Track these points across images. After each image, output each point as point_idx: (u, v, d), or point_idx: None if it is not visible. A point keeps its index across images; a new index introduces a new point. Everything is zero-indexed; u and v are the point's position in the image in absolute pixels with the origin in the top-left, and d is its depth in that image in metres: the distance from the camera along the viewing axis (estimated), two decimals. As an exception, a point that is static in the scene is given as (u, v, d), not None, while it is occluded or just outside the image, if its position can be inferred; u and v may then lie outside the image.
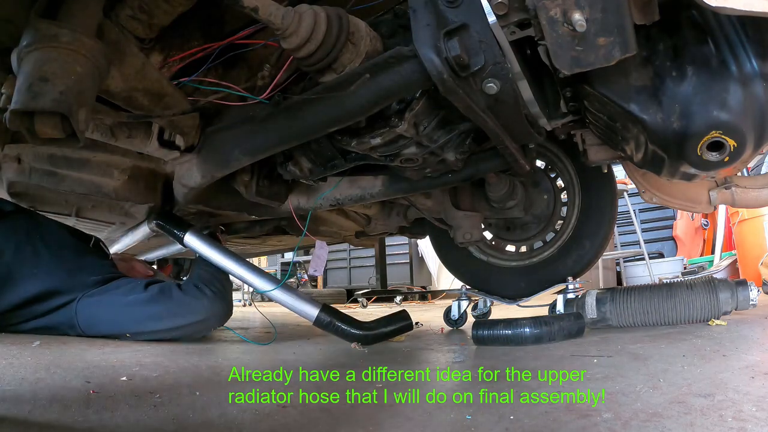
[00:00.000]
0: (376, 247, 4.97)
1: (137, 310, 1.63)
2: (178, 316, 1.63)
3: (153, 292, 1.65)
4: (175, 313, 1.63)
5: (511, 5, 0.89)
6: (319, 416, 0.79)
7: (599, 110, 1.13)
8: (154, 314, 1.62)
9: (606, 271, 5.17)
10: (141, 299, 1.63)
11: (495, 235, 2.13)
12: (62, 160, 1.56)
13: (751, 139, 0.94)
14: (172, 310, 1.63)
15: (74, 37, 0.91)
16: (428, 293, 6.11)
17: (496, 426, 0.71)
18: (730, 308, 1.52)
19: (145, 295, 1.64)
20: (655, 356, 1.13)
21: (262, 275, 1.66)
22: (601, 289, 1.68)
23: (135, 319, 1.63)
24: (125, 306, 1.63)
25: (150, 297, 1.63)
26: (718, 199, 1.60)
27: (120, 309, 1.64)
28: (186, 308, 1.63)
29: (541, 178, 1.99)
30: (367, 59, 1.09)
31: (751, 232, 3.80)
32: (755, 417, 0.68)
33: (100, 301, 1.64)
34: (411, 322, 1.65)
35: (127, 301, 1.64)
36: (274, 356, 1.38)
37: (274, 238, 2.40)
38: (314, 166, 1.45)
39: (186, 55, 1.31)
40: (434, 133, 1.25)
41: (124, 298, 1.64)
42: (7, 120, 0.87)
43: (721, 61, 0.92)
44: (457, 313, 2.14)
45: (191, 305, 1.63)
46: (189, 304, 1.63)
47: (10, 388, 0.96)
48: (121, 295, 1.66)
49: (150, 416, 0.79)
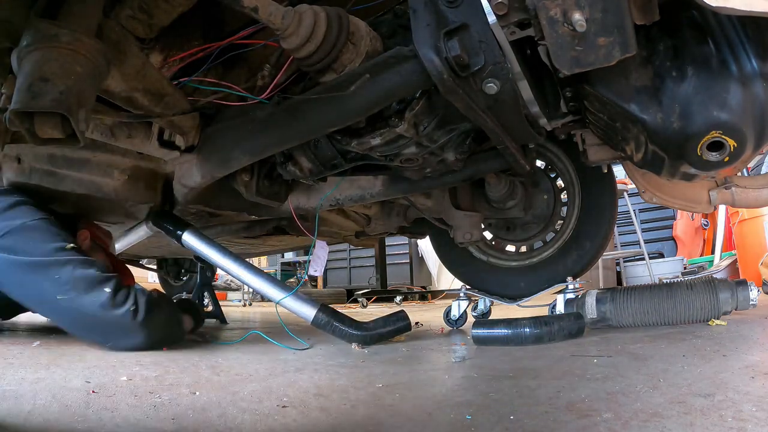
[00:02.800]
0: (376, 247, 4.98)
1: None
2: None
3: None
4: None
5: (511, 5, 0.89)
6: (319, 416, 0.79)
7: (599, 110, 1.13)
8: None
9: (606, 271, 5.17)
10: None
11: (495, 235, 2.13)
12: (62, 160, 1.56)
13: (751, 139, 0.94)
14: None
15: (74, 37, 0.91)
16: (428, 293, 6.11)
17: (496, 426, 0.71)
18: (730, 308, 1.52)
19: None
20: (655, 356, 1.13)
21: (261, 275, 1.66)
22: (601, 289, 1.67)
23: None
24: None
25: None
26: (718, 199, 1.60)
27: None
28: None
29: (541, 178, 1.99)
30: (367, 59, 1.09)
31: (751, 232, 3.79)
32: (755, 417, 0.67)
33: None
34: (409, 322, 1.65)
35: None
36: (274, 356, 1.38)
37: (274, 238, 2.40)
38: (314, 166, 1.45)
39: (186, 55, 1.31)
40: (434, 133, 1.25)
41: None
42: (7, 120, 0.87)
43: (721, 61, 0.92)
44: (457, 313, 2.14)
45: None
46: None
47: (10, 388, 0.96)
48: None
49: (150, 416, 0.79)
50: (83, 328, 1.44)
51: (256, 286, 1.64)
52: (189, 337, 1.80)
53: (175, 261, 4.08)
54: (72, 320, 1.43)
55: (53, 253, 1.41)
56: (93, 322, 1.40)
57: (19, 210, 1.48)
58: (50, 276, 1.38)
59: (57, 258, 1.40)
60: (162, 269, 4.16)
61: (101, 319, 1.39)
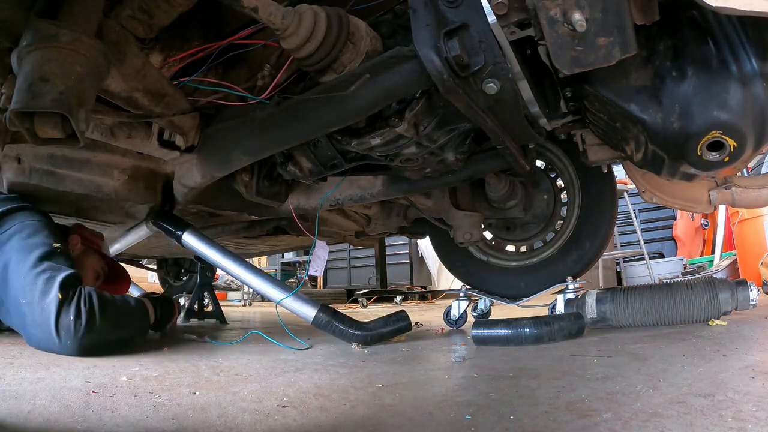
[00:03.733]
0: (376, 247, 4.98)
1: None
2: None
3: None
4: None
5: (511, 5, 0.89)
6: (319, 416, 0.79)
7: (599, 110, 1.13)
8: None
9: (606, 271, 5.17)
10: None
11: (495, 235, 2.13)
12: (62, 160, 1.56)
13: (751, 139, 0.94)
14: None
15: (74, 37, 0.91)
16: (428, 293, 6.11)
17: (496, 426, 0.71)
18: (730, 308, 1.52)
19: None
20: (655, 356, 1.13)
21: (261, 275, 1.66)
22: (601, 289, 1.67)
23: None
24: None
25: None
26: (718, 199, 1.60)
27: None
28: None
29: (541, 178, 1.99)
30: (367, 59, 1.09)
31: (751, 232, 3.79)
32: (755, 417, 0.67)
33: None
34: (409, 322, 1.65)
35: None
36: (274, 356, 1.38)
37: (274, 238, 2.40)
38: (314, 166, 1.45)
39: (186, 55, 1.31)
40: (434, 133, 1.25)
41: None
42: (7, 120, 0.87)
43: (721, 61, 0.92)
44: (457, 313, 2.14)
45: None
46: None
47: (10, 388, 0.96)
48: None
49: (150, 416, 0.79)
50: (31, 335, 1.35)
51: (257, 286, 1.64)
52: (189, 337, 1.81)
53: (175, 261, 4.08)
54: (23, 326, 1.36)
55: (36, 263, 1.35)
56: (38, 330, 1.31)
57: (17, 215, 1.46)
58: (25, 286, 1.32)
59: (38, 269, 1.34)
60: (162, 269, 4.17)
61: (42, 324, 1.29)
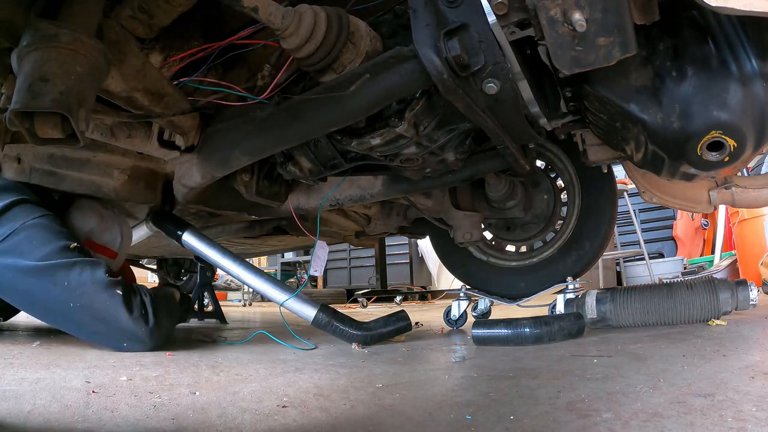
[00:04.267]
0: (376, 247, 4.97)
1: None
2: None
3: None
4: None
5: (511, 5, 0.89)
6: (319, 416, 0.79)
7: (599, 110, 1.13)
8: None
9: (606, 271, 5.17)
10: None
11: (495, 235, 2.13)
12: (62, 160, 1.56)
13: (751, 139, 0.94)
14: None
15: (74, 37, 0.91)
16: (428, 293, 6.11)
17: (496, 426, 0.71)
18: (730, 308, 1.52)
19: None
20: (655, 356, 1.13)
21: (261, 275, 1.66)
22: (601, 289, 1.67)
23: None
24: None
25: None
26: (718, 199, 1.60)
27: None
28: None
29: (541, 178, 1.99)
30: (367, 59, 1.09)
31: (751, 232, 3.79)
32: (755, 417, 0.67)
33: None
34: (410, 322, 1.65)
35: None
36: (274, 356, 1.38)
37: (274, 238, 2.40)
38: (314, 166, 1.45)
39: (186, 55, 1.31)
40: (434, 133, 1.25)
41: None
42: (7, 120, 0.87)
43: (721, 61, 0.92)
44: (457, 313, 2.14)
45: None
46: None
47: (10, 388, 0.96)
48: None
49: (150, 416, 0.79)
50: (94, 333, 1.43)
51: (257, 286, 1.64)
52: (197, 337, 1.81)
53: (175, 261, 4.08)
54: (81, 326, 1.42)
55: (57, 255, 1.38)
56: (105, 328, 1.40)
57: (16, 211, 1.46)
58: (58, 282, 1.35)
59: (62, 261, 1.37)
60: (162, 269, 4.16)
61: (112, 325, 1.39)
